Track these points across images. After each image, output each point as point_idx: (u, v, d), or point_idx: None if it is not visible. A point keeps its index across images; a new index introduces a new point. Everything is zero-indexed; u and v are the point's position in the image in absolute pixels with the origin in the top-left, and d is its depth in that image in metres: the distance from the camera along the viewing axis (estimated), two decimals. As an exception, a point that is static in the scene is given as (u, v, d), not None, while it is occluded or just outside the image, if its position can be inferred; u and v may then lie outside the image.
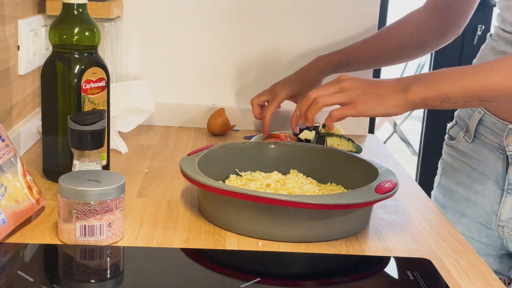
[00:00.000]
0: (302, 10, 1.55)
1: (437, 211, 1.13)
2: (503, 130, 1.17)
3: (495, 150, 1.20)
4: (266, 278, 0.84)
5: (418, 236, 1.01)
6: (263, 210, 0.94)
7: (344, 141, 1.29)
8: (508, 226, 1.17)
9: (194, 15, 1.55)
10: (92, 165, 0.99)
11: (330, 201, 0.93)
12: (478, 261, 0.94)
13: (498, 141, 1.19)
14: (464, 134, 1.28)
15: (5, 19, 1.20)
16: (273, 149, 1.17)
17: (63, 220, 0.89)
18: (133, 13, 1.53)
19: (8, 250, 0.87)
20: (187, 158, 1.05)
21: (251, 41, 1.56)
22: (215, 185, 0.95)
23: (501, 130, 1.18)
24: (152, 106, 1.42)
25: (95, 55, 1.11)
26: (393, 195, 0.98)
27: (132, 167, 1.25)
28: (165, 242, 0.94)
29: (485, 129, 1.23)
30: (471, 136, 1.25)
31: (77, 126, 0.97)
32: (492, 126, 1.21)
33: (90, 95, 1.10)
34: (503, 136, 1.17)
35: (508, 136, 1.16)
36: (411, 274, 0.87)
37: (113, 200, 0.89)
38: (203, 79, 1.58)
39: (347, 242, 0.97)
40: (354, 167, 1.11)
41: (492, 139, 1.21)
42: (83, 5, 1.08)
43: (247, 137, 1.49)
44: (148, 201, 1.08)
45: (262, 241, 0.95)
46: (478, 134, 1.24)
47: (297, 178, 1.10)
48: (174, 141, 1.45)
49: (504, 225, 1.17)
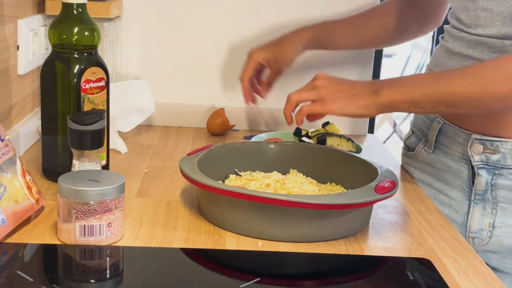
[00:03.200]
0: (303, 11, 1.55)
1: (437, 211, 1.13)
2: (466, 140, 1.15)
3: (458, 160, 1.18)
4: (265, 278, 0.84)
5: (418, 236, 1.01)
6: (262, 210, 0.94)
7: (344, 141, 1.29)
8: (478, 237, 1.14)
9: (193, 15, 1.55)
10: (91, 165, 0.99)
11: (329, 201, 0.93)
12: (478, 261, 0.94)
13: (462, 151, 1.17)
14: (424, 144, 1.26)
15: (5, 18, 1.20)
16: (273, 149, 1.17)
17: (63, 220, 0.89)
18: (132, 13, 1.53)
19: (7, 250, 0.87)
20: (187, 158, 1.05)
21: (251, 41, 1.56)
22: (214, 185, 0.95)
23: (464, 140, 1.16)
24: (151, 106, 1.41)
25: (94, 55, 1.11)
26: (392, 195, 0.98)
27: (131, 167, 1.25)
28: (164, 242, 0.94)
29: (446, 139, 1.21)
30: (431, 146, 1.23)
31: (76, 126, 0.97)
32: (453, 136, 1.19)
33: (90, 95, 1.09)
34: (467, 146, 1.15)
35: (472, 146, 1.14)
36: (411, 274, 0.87)
37: (113, 200, 0.89)
38: (203, 79, 1.58)
39: (347, 242, 0.97)
40: (354, 167, 1.11)
41: (455, 149, 1.18)
42: (82, 5, 1.08)
43: (246, 137, 1.49)
44: (148, 201, 1.08)
45: (261, 241, 0.95)
46: (438, 144, 1.22)
47: (296, 178, 1.10)
48: (174, 141, 1.45)
49: (474, 237, 1.15)
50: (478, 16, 1.11)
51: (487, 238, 1.14)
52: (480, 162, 1.13)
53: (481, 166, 1.13)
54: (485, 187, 1.13)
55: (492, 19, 1.09)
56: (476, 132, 1.14)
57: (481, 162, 1.13)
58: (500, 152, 1.11)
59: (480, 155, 1.13)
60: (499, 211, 1.13)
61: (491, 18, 1.09)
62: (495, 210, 1.13)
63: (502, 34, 1.08)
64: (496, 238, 1.13)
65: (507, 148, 1.11)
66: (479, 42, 1.12)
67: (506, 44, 1.08)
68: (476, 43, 1.12)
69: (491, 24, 1.09)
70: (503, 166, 1.11)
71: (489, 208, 1.13)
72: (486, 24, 1.10)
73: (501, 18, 1.08)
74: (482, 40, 1.11)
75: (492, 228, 1.13)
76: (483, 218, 1.14)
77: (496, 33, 1.09)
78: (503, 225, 1.13)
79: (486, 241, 1.14)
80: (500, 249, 1.13)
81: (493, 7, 1.08)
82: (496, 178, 1.12)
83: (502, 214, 1.12)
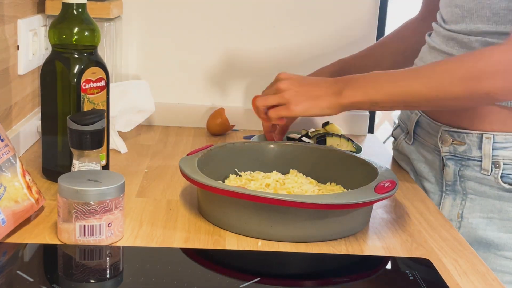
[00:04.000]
0: (302, 10, 1.55)
1: (437, 211, 1.13)
2: (437, 131, 1.19)
3: (432, 151, 1.22)
4: (265, 278, 0.84)
5: (418, 236, 1.01)
6: (262, 210, 0.94)
7: (344, 141, 1.29)
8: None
9: (193, 15, 1.55)
10: (91, 165, 0.99)
11: (329, 201, 0.93)
12: (478, 261, 0.94)
13: (434, 142, 1.21)
14: (405, 136, 1.31)
15: (5, 19, 1.20)
16: (273, 149, 1.17)
17: (63, 220, 0.89)
18: (132, 13, 1.53)
19: (7, 250, 0.87)
20: (187, 158, 1.05)
21: (251, 41, 1.56)
22: (214, 185, 0.95)
23: (435, 131, 1.19)
24: (151, 106, 1.41)
25: (94, 55, 1.11)
26: (392, 195, 0.98)
27: (131, 167, 1.25)
28: (164, 242, 0.94)
29: (422, 130, 1.25)
30: (411, 138, 1.28)
31: (76, 126, 0.97)
32: (427, 127, 1.23)
33: (90, 95, 1.09)
34: (437, 137, 1.19)
35: (441, 137, 1.18)
36: (411, 274, 0.87)
37: (113, 200, 0.89)
38: (203, 79, 1.58)
39: (347, 242, 0.97)
40: (354, 167, 1.11)
41: (429, 141, 1.22)
42: (82, 5, 1.08)
43: (246, 137, 1.49)
44: (148, 201, 1.08)
45: (261, 241, 0.95)
46: (416, 136, 1.26)
47: (296, 178, 1.10)
48: (174, 141, 1.45)
49: None
50: (452, 12, 1.15)
51: (456, 228, 1.16)
52: (448, 153, 1.17)
53: (449, 157, 1.17)
54: (454, 178, 1.17)
55: (463, 15, 1.13)
56: (446, 124, 1.18)
57: (449, 153, 1.17)
58: (466, 143, 1.15)
59: (449, 146, 1.17)
60: (468, 202, 1.16)
61: (462, 14, 1.13)
62: (464, 201, 1.17)
63: (469, 30, 1.12)
64: (464, 229, 1.16)
65: (472, 140, 1.14)
66: (451, 37, 1.16)
67: (472, 40, 1.12)
68: (449, 38, 1.17)
69: (461, 20, 1.14)
70: (469, 158, 1.15)
71: (458, 199, 1.17)
72: (458, 20, 1.14)
73: (470, 15, 1.12)
74: (453, 35, 1.15)
75: (461, 218, 1.17)
76: (452, 208, 1.18)
77: (463, 29, 1.13)
78: (470, 216, 1.16)
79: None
80: (469, 240, 1.15)
81: (464, 4, 1.13)
82: (464, 169, 1.16)
83: (470, 205, 1.16)
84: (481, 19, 1.10)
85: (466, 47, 1.13)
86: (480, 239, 1.15)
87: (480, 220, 1.15)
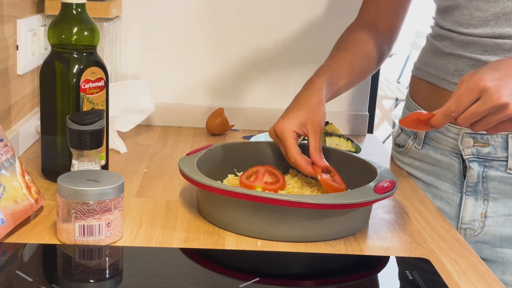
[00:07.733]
0: (300, 10, 1.55)
1: (436, 211, 1.13)
2: (457, 134, 1.18)
3: (449, 154, 1.20)
4: (265, 278, 0.84)
5: (417, 235, 1.01)
6: (262, 210, 0.94)
7: (344, 141, 1.29)
8: (470, 228, 1.17)
9: (193, 15, 1.55)
10: (91, 164, 0.99)
11: (329, 201, 0.93)
12: (477, 260, 0.94)
13: (452, 145, 1.19)
14: (413, 141, 1.28)
15: (4, 18, 1.20)
16: (272, 149, 1.17)
17: (62, 220, 0.89)
18: (132, 13, 1.53)
19: (7, 250, 0.87)
20: (186, 158, 1.05)
21: (250, 41, 1.56)
22: (214, 185, 0.95)
23: (455, 134, 1.18)
24: (151, 106, 1.42)
25: (94, 54, 1.10)
26: (392, 194, 0.98)
27: (131, 167, 1.25)
28: (164, 242, 0.94)
29: (436, 134, 1.23)
30: (421, 142, 1.26)
31: (76, 125, 0.97)
32: (443, 131, 1.21)
33: (89, 95, 1.09)
34: (458, 140, 1.17)
35: (463, 140, 1.17)
36: (410, 274, 0.87)
37: (112, 200, 0.89)
38: (202, 79, 1.58)
39: (346, 242, 0.97)
40: (353, 167, 1.11)
41: (445, 144, 1.21)
42: (82, 5, 1.08)
43: (245, 137, 1.49)
44: (147, 201, 1.08)
45: (261, 240, 0.95)
46: (428, 140, 1.25)
47: (296, 178, 1.10)
48: (173, 141, 1.45)
49: (466, 228, 1.18)
50: (472, 15, 1.12)
51: (479, 228, 1.17)
52: (471, 155, 1.16)
53: (472, 159, 1.16)
54: (477, 179, 1.16)
55: (486, 19, 1.11)
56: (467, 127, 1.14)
57: (471, 155, 1.16)
58: (490, 145, 1.14)
59: (471, 148, 1.16)
60: (491, 201, 1.16)
61: (485, 18, 1.11)
62: (486, 201, 1.16)
63: (497, 34, 1.10)
64: (488, 228, 1.16)
65: (497, 141, 1.14)
66: (472, 42, 1.13)
67: (500, 43, 1.10)
68: (468, 43, 1.14)
69: (484, 24, 1.11)
70: (493, 158, 1.15)
71: (480, 199, 1.17)
72: (480, 24, 1.12)
73: (495, 19, 1.10)
74: (475, 40, 1.13)
75: (484, 218, 1.16)
76: (475, 209, 1.17)
77: (489, 33, 1.11)
78: (495, 215, 1.16)
79: (478, 232, 1.17)
80: (492, 239, 1.17)
81: (488, 8, 1.10)
82: (487, 170, 1.15)
83: (494, 204, 1.16)
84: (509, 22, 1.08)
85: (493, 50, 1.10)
86: (506, 236, 1.15)
87: (505, 218, 1.15)
